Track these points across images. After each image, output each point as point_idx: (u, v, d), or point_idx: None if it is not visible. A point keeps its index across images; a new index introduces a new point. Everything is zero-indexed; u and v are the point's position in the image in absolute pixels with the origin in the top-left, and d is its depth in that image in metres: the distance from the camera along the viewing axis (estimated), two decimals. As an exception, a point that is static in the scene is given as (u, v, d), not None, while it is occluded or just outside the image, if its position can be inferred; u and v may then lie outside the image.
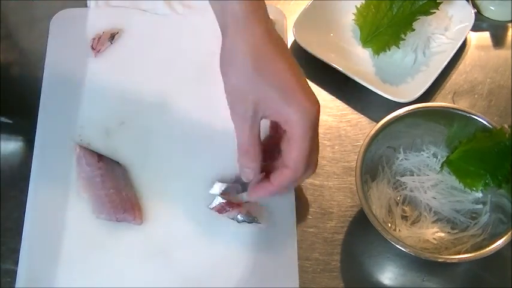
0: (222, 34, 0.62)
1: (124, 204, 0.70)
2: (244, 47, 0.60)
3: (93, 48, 0.80)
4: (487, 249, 0.61)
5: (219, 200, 0.70)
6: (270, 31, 0.61)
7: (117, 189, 0.71)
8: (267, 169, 0.66)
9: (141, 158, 0.74)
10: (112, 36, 0.81)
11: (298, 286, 0.67)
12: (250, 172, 0.65)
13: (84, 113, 0.77)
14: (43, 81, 0.79)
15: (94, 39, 0.81)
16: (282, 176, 0.64)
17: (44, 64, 0.80)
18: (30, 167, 0.73)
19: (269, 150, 0.67)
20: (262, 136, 0.65)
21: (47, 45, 0.81)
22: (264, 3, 0.62)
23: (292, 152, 0.61)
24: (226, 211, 0.69)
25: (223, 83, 0.63)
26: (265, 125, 0.66)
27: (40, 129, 0.75)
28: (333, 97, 0.79)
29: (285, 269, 0.68)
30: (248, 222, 0.69)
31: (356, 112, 0.78)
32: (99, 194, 0.71)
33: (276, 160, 0.66)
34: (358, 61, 0.80)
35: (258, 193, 0.67)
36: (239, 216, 0.69)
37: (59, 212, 0.70)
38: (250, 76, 0.60)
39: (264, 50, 0.60)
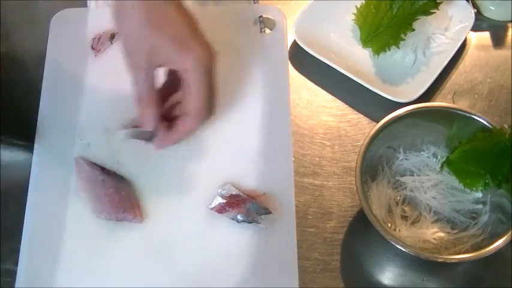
0: None
1: (123, 203, 0.70)
2: (143, 6, 0.61)
3: (93, 48, 0.80)
4: (487, 249, 0.61)
5: (219, 200, 0.70)
6: None
7: (117, 188, 0.71)
8: (168, 117, 0.68)
9: (141, 158, 0.74)
10: (112, 36, 0.81)
11: (297, 286, 0.67)
12: (149, 119, 0.66)
13: (84, 113, 0.77)
14: (43, 81, 0.79)
15: (94, 39, 0.81)
16: (185, 123, 0.66)
17: (44, 64, 0.80)
18: (31, 167, 0.73)
19: (166, 97, 0.68)
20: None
21: (47, 45, 0.81)
22: None
23: (192, 99, 0.64)
24: (226, 211, 0.69)
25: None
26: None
27: (40, 129, 0.75)
28: (333, 97, 0.79)
29: (284, 269, 0.68)
30: (248, 223, 0.69)
31: (356, 112, 0.78)
32: (98, 193, 0.71)
33: (174, 107, 0.68)
34: (358, 61, 0.80)
35: (164, 142, 0.69)
36: (239, 217, 0.69)
37: (59, 212, 0.71)
38: (143, 26, 0.61)
39: (161, 5, 0.61)
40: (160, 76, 0.67)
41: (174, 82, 0.68)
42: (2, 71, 0.80)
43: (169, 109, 0.69)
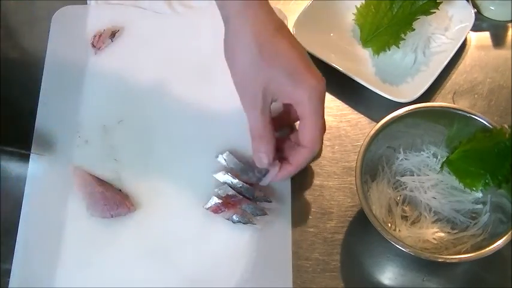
0: (224, 24, 0.64)
1: (115, 199, 0.70)
2: (246, 34, 0.61)
3: (93, 46, 0.80)
4: (487, 249, 0.61)
5: (215, 200, 0.70)
6: (271, 16, 0.62)
7: (107, 186, 0.71)
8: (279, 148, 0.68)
9: (138, 157, 0.74)
10: (113, 34, 0.81)
11: (291, 286, 0.67)
12: (264, 156, 0.66)
13: (83, 110, 0.77)
14: (43, 78, 0.79)
15: (95, 36, 0.81)
16: (301, 155, 0.66)
17: (44, 64, 0.80)
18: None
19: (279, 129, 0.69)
20: None
21: (47, 45, 0.81)
22: None
23: (307, 131, 0.63)
24: (222, 211, 0.69)
25: (230, 74, 0.64)
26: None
27: (39, 127, 0.76)
28: (333, 97, 0.79)
29: (278, 269, 0.68)
30: (243, 223, 0.69)
31: (356, 112, 0.78)
32: (93, 191, 0.71)
33: (286, 141, 0.69)
34: (358, 61, 0.80)
35: (279, 175, 0.68)
36: (234, 217, 0.69)
37: (55, 212, 0.71)
38: (255, 61, 0.61)
39: (265, 35, 0.61)
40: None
41: (281, 117, 0.69)
42: (2, 70, 0.80)
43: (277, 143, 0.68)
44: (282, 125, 0.70)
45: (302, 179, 0.73)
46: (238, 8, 0.62)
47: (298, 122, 0.68)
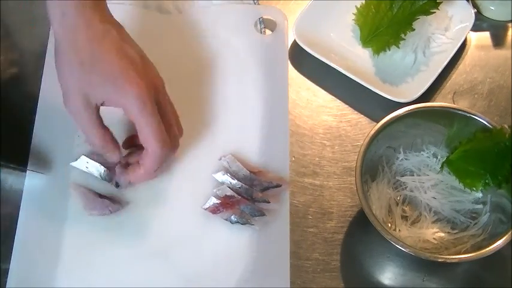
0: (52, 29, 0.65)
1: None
2: (68, 45, 0.63)
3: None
4: (487, 249, 0.61)
5: (213, 201, 0.70)
6: (92, 24, 0.63)
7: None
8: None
9: None
10: (112, 34, 0.81)
11: (289, 286, 0.67)
12: (111, 155, 0.67)
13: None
14: (43, 78, 0.78)
15: (95, 37, 0.81)
16: (146, 159, 0.66)
17: (44, 64, 0.79)
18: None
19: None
20: None
21: (47, 45, 0.81)
22: None
23: (143, 136, 0.64)
24: (220, 212, 0.69)
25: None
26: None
27: (38, 126, 0.75)
28: (333, 97, 0.79)
29: (276, 270, 0.68)
30: (241, 224, 0.69)
31: (356, 112, 0.78)
32: (87, 190, 0.71)
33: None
34: (358, 61, 0.80)
35: (129, 178, 0.69)
36: (232, 218, 0.69)
37: (54, 212, 0.70)
38: (76, 71, 0.63)
39: (84, 43, 0.62)
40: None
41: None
42: (2, 70, 0.80)
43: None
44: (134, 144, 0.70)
45: (302, 179, 0.73)
46: (57, 16, 0.63)
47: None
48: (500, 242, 0.61)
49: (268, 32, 0.82)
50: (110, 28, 0.65)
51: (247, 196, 0.70)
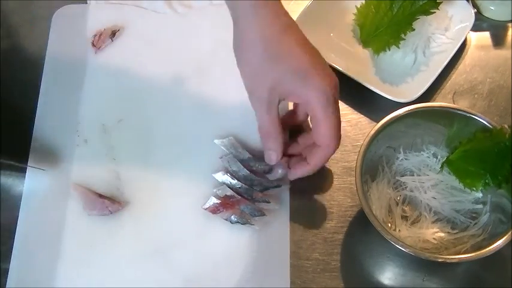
0: (234, 25, 0.64)
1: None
2: (254, 33, 0.62)
3: (93, 45, 0.80)
4: (487, 249, 0.61)
5: (213, 201, 0.70)
6: (279, 16, 0.63)
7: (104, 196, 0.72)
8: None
9: (138, 156, 0.74)
10: (113, 34, 0.81)
11: (289, 286, 0.67)
12: (273, 154, 0.68)
13: (82, 109, 0.77)
14: (42, 78, 0.79)
15: (95, 36, 0.81)
16: (317, 155, 0.66)
17: (44, 64, 0.80)
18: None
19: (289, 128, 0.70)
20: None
21: (47, 44, 0.81)
22: None
23: (320, 131, 0.64)
24: (220, 212, 0.69)
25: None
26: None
27: (38, 125, 0.76)
28: (333, 97, 0.79)
29: (276, 270, 0.68)
30: (241, 224, 0.69)
31: (356, 112, 0.78)
32: (87, 191, 0.71)
33: (299, 138, 0.70)
34: (358, 61, 0.80)
35: (297, 174, 0.69)
36: (233, 217, 0.69)
37: (53, 212, 0.71)
38: (263, 61, 0.62)
39: (272, 35, 0.62)
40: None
41: (292, 116, 0.70)
42: (2, 70, 0.80)
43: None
44: (289, 125, 0.71)
45: (302, 179, 0.73)
46: (246, 8, 0.62)
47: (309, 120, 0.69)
48: (500, 242, 0.61)
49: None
50: (293, 21, 0.64)
51: (247, 196, 0.70)
